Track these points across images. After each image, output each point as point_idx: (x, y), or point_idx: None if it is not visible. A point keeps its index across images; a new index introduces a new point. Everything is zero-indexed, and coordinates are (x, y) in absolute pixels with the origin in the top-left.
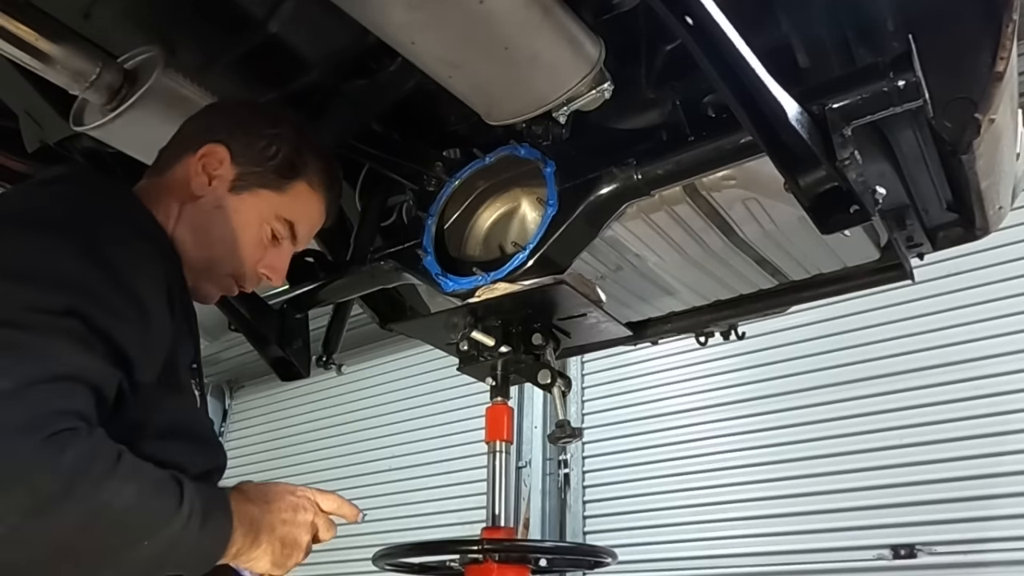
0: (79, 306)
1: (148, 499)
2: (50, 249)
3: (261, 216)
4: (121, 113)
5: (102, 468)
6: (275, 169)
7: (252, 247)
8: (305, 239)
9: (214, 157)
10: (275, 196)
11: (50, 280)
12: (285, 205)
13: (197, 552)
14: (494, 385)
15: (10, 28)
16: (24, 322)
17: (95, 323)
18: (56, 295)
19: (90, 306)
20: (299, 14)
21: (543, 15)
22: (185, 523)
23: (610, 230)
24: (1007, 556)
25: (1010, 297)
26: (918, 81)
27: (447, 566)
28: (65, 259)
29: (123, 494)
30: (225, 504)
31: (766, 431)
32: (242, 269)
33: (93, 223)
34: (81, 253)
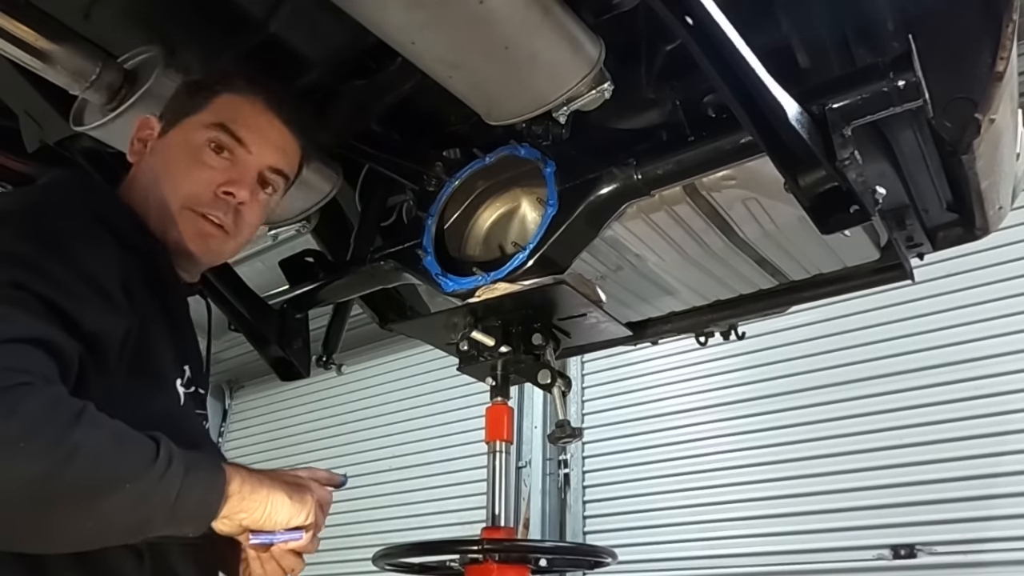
0: (27, 281)
1: (120, 444)
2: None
3: (189, 140)
4: (121, 113)
5: (67, 414)
6: (190, 94)
7: (190, 170)
8: (260, 147)
9: (143, 125)
10: (198, 117)
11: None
12: (210, 116)
13: (190, 498)
14: (494, 385)
15: (10, 28)
16: None
17: (45, 297)
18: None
19: (38, 282)
20: (299, 14)
21: (543, 15)
22: (165, 469)
23: (610, 230)
24: (1007, 556)
25: (1010, 297)
26: (918, 81)
27: (447, 566)
28: (13, 243)
29: (92, 437)
30: (211, 459)
31: (766, 431)
32: (192, 197)
33: (47, 213)
34: (29, 237)
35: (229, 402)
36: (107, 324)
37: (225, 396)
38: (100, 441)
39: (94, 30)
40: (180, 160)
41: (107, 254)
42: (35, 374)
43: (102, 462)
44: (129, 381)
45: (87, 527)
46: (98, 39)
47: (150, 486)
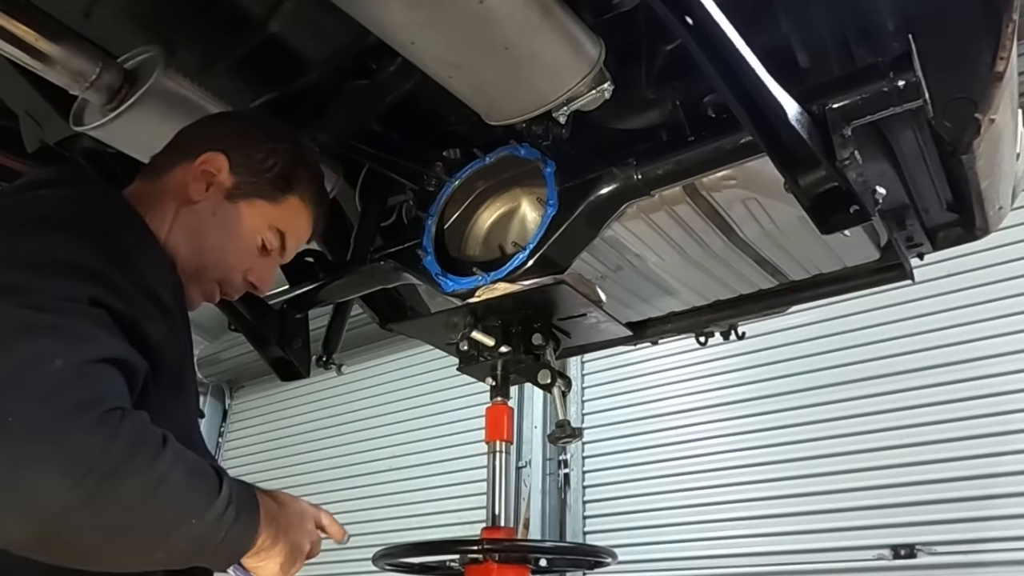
0: (102, 298)
1: (196, 479)
2: (68, 246)
3: (254, 226)
4: (121, 113)
5: (155, 443)
6: (271, 181)
7: (243, 255)
8: (292, 252)
9: (213, 164)
10: (269, 207)
11: (73, 273)
12: (278, 216)
13: (230, 542)
14: (494, 385)
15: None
16: (59, 309)
17: (119, 315)
18: (81, 286)
19: (112, 297)
20: (299, 14)
21: (543, 15)
22: (224, 510)
23: (610, 230)
24: (1007, 556)
25: (1010, 297)
26: (918, 81)
27: (447, 566)
28: (84, 255)
29: (176, 470)
30: (256, 500)
31: (766, 431)
32: (230, 276)
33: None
34: (97, 251)
35: (229, 402)
36: (164, 336)
37: (225, 396)
38: (180, 474)
39: (94, 30)
40: (239, 240)
41: (162, 264)
42: (122, 397)
43: (182, 496)
44: (170, 390)
45: (154, 556)
46: (98, 39)
47: (212, 523)
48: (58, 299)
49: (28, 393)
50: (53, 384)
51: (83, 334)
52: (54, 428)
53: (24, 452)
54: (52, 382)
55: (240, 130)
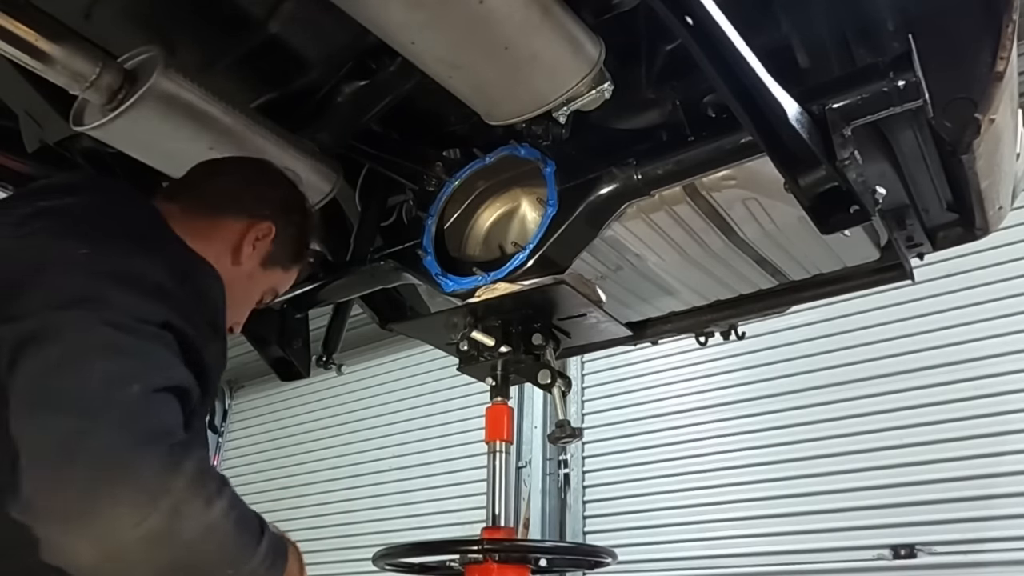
0: (173, 320)
1: (245, 524)
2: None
3: (266, 288)
4: (121, 113)
5: (215, 485)
6: (292, 255)
7: (247, 310)
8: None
9: (264, 235)
10: (282, 274)
11: (148, 291)
12: (283, 282)
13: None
14: (494, 385)
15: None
16: (136, 330)
17: (184, 339)
18: (156, 307)
19: (180, 321)
20: (299, 14)
21: (543, 15)
22: (262, 560)
23: (610, 230)
24: (1007, 556)
25: (1010, 297)
26: (918, 81)
27: (447, 566)
28: (158, 273)
29: (229, 515)
30: (285, 553)
31: (766, 431)
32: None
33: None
34: (169, 270)
35: (229, 402)
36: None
37: (225, 396)
38: (233, 519)
39: (94, 30)
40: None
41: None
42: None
43: (232, 540)
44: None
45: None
46: (98, 39)
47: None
48: (135, 319)
49: (107, 416)
50: (129, 410)
51: (157, 360)
52: (128, 458)
53: (100, 480)
54: (129, 408)
55: (284, 198)
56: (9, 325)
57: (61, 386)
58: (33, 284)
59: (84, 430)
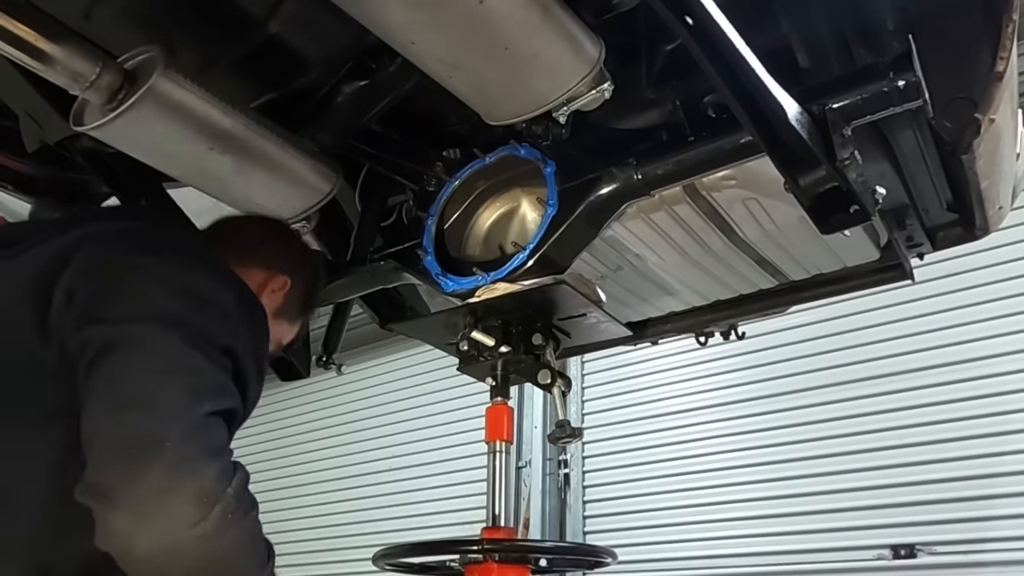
0: (235, 348)
1: (261, 542)
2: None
3: (273, 339)
4: (121, 113)
5: (250, 501)
6: (299, 309)
7: None
8: None
9: (279, 287)
10: (287, 326)
11: (219, 315)
12: (287, 334)
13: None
14: (494, 385)
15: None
16: (207, 351)
17: (238, 367)
18: (223, 331)
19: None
20: (299, 14)
21: (543, 15)
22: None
23: (610, 230)
24: (1007, 556)
25: (1010, 297)
26: (918, 81)
27: (447, 566)
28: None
29: (255, 529)
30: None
31: (766, 431)
32: None
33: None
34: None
35: None
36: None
37: None
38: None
39: (94, 30)
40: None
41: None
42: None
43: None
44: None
45: None
46: (98, 39)
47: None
48: (205, 340)
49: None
50: (200, 425)
51: (220, 384)
52: (198, 465)
53: (172, 481)
54: (200, 422)
55: (300, 255)
56: (98, 327)
57: (144, 390)
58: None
59: (163, 433)
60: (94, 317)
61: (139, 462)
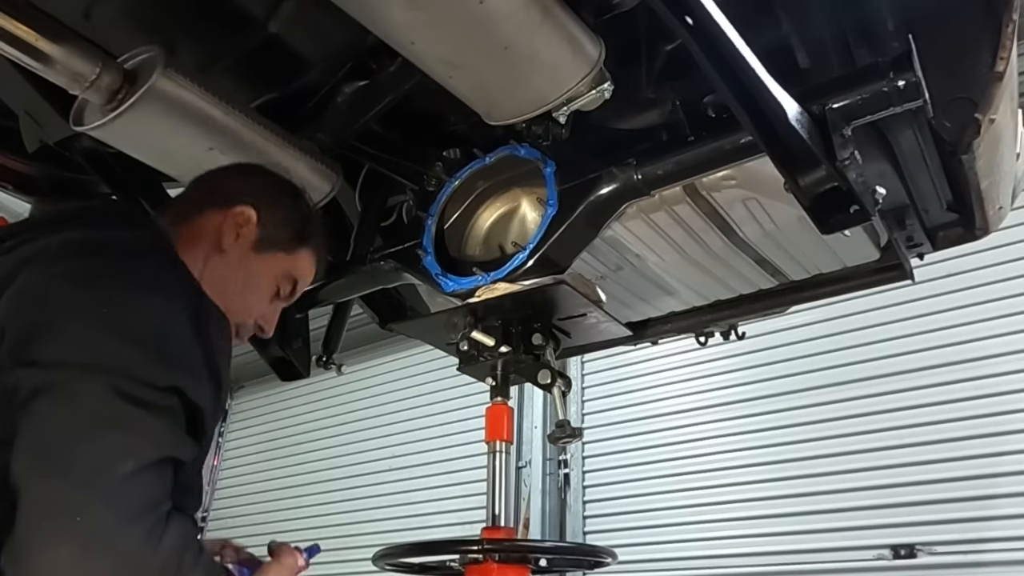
0: (179, 383)
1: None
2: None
3: (273, 275)
4: (121, 113)
5: (189, 561)
6: (290, 235)
7: (260, 301)
8: (295, 297)
9: (243, 217)
10: (286, 258)
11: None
12: (292, 267)
13: None
14: (494, 385)
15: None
16: (139, 397)
17: (189, 401)
18: (166, 372)
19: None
20: (299, 14)
21: (543, 15)
22: None
23: (610, 230)
24: (1007, 556)
25: (1010, 297)
26: (918, 81)
27: (447, 566)
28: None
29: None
30: None
31: (766, 431)
32: (246, 321)
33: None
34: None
35: (229, 402)
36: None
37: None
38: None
39: (94, 30)
40: (260, 289)
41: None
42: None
43: None
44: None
45: None
46: (98, 39)
47: None
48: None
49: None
50: (121, 487)
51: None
52: (112, 536)
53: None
54: (121, 485)
55: (266, 184)
56: (27, 370)
57: (62, 454)
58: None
59: (76, 505)
60: (25, 359)
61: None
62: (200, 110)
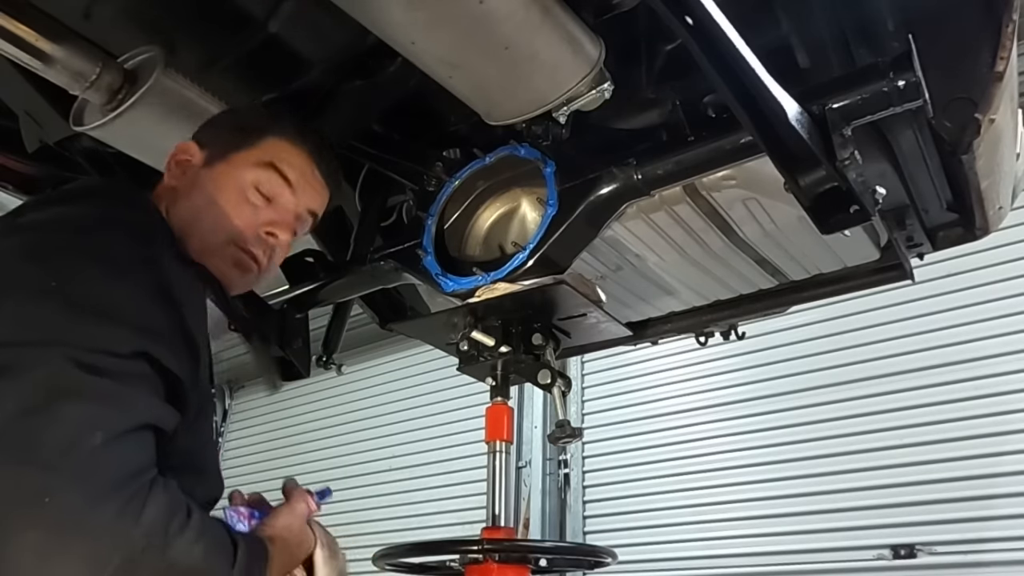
0: (147, 347)
1: (213, 555)
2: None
3: (238, 176)
4: (121, 113)
5: (176, 527)
6: (240, 131)
7: (237, 207)
8: (303, 190)
9: (185, 151)
10: (246, 154)
11: (121, 320)
12: (259, 157)
13: None
14: (494, 385)
15: (10, 28)
16: (101, 366)
17: (160, 365)
18: (127, 337)
19: (157, 347)
20: (299, 14)
21: (543, 15)
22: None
23: (610, 230)
24: (1007, 556)
25: (1010, 297)
26: (918, 81)
27: (447, 566)
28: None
29: (191, 554)
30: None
31: (766, 431)
32: (241, 234)
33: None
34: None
35: (229, 402)
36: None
37: (225, 396)
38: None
39: (94, 30)
40: (228, 196)
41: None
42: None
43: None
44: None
45: None
46: (98, 39)
47: None
48: (106, 353)
49: (67, 469)
50: (91, 461)
51: (125, 399)
52: (83, 513)
53: (53, 542)
54: (90, 459)
55: (210, 119)
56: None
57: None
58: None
59: (44, 487)
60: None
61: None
62: (200, 110)
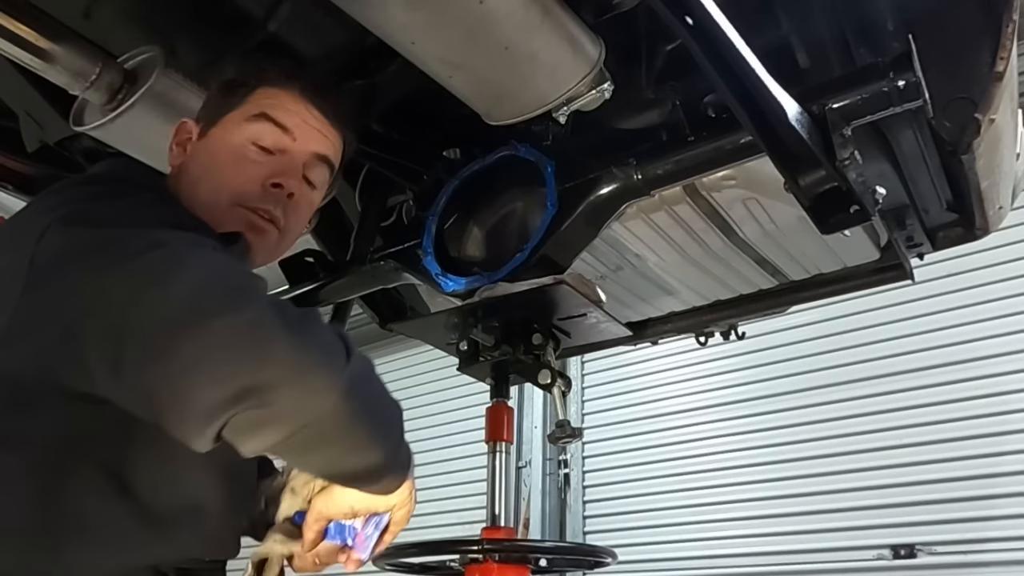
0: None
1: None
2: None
3: (232, 133)
4: (121, 113)
5: (297, 313)
6: (228, 93)
7: (236, 166)
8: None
9: (183, 130)
10: (237, 112)
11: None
12: (251, 110)
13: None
14: (494, 385)
15: (10, 28)
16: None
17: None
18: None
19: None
20: (298, 14)
21: (543, 15)
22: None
23: (610, 230)
24: (1007, 556)
25: (1010, 297)
26: (918, 81)
27: (447, 566)
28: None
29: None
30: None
31: (766, 431)
32: (245, 190)
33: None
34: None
35: None
36: None
37: None
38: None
39: (94, 30)
40: (224, 158)
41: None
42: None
43: (387, 394)
44: None
45: (375, 453)
46: (98, 39)
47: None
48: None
49: (258, 297)
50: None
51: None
52: (302, 328)
53: (304, 359)
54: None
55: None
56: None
57: (132, 294)
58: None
59: (259, 318)
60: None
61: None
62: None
